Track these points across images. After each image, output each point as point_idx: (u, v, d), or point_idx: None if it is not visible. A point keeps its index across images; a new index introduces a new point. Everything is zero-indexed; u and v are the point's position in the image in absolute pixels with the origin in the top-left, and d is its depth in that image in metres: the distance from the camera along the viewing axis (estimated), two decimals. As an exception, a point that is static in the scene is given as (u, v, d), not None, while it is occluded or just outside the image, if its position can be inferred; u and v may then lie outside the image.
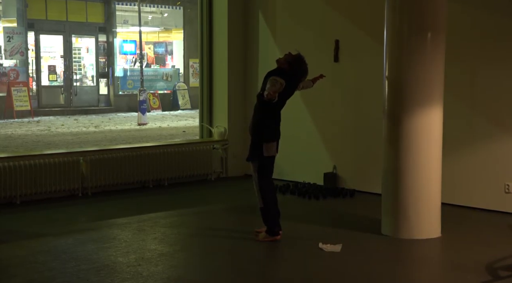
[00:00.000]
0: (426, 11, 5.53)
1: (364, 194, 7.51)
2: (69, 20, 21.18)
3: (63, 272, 4.68)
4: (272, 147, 5.45)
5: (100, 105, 21.88)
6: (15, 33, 19.88)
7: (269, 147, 5.43)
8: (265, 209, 5.49)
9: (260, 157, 5.44)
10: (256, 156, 5.46)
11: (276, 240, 5.49)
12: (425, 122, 5.56)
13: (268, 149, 5.42)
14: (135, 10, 21.56)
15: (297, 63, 5.52)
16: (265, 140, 5.41)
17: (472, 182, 6.73)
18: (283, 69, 5.50)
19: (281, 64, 5.54)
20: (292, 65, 5.49)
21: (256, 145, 5.47)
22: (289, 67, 5.49)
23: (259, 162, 5.46)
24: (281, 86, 5.31)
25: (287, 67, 5.49)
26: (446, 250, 5.51)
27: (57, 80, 21.31)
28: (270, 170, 5.54)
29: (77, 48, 22.19)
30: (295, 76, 5.53)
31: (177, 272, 4.77)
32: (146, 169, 7.99)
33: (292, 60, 5.51)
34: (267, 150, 5.42)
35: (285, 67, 5.50)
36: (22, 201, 7.07)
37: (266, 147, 5.41)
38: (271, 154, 5.46)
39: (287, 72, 5.47)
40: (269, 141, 5.43)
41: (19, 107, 18.86)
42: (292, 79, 5.50)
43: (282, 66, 5.52)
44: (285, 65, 5.51)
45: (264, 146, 5.41)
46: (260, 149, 5.42)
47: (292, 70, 5.50)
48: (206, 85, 8.92)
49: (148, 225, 6.13)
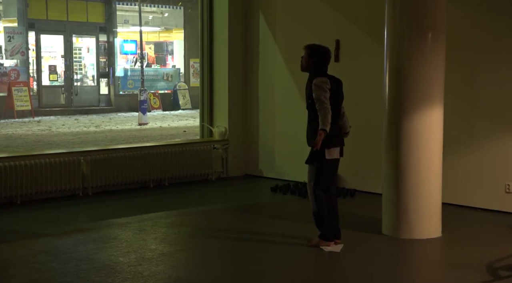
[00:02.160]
0: (427, 11, 5.52)
1: (364, 193, 7.51)
2: (70, 20, 21.18)
3: (64, 272, 4.68)
4: (334, 151, 5.23)
5: (100, 105, 21.88)
6: (15, 33, 19.89)
7: (331, 152, 5.21)
8: (318, 214, 5.30)
9: (321, 160, 5.20)
10: (316, 159, 5.22)
11: (329, 246, 5.28)
12: (426, 122, 5.56)
13: (331, 153, 5.21)
14: (135, 10, 21.58)
15: (320, 53, 5.26)
16: (326, 146, 5.16)
17: (473, 182, 6.73)
18: (312, 68, 5.25)
19: (305, 65, 5.31)
20: (315, 56, 5.23)
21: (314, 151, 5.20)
22: (314, 59, 5.23)
23: (317, 165, 5.25)
24: (326, 84, 5.11)
25: (312, 62, 5.23)
26: (446, 250, 5.51)
27: (57, 80, 21.32)
28: (328, 174, 5.31)
29: (78, 48, 22.20)
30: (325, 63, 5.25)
31: (177, 272, 4.76)
32: (147, 169, 7.98)
33: (312, 52, 5.26)
34: (329, 153, 5.20)
35: (310, 62, 5.24)
36: (22, 200, 7.07)
37: (327, 151, 5.19)
38: (333, 157, 5.23)
39: (318, 67, 5.23)
40: (330, 147, 5.19)
41: (19, 107, 18.87)
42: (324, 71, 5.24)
43: (308, 65, 5.27)
44: (309, 61, 5.25)
45: (325, 151, 5.19)
46: (321, 152, 5.18)
47: (319, 61, 5.23)
48: (206, 85, 8.92)
49: (149, 224, 6.12)
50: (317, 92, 5.14)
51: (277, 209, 6.96)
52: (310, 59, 5.28)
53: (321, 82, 5.16)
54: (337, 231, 5.41)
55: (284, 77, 8.45)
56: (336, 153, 5.27)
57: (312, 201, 5.29)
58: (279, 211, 6.84)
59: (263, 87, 8.73)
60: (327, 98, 5.11)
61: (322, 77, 5.20)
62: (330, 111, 5.08)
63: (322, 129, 5.07)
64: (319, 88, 5.13)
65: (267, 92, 8.68)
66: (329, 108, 5.09)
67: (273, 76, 8.61)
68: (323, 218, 5.29)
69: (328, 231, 5.32)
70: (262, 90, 8.75)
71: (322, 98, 5.10)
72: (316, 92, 5.14)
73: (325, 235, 5.32)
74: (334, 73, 5.58)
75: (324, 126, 5.07)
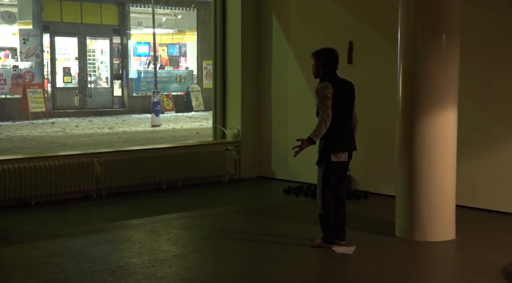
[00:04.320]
0: (441, 13, 5.49)
1: (377, 195, 7.47)
2: (84, 22, 21.31)
3: (77, 273, 4.70)
4: (340, 155, 5.22)
5: (114, 106, 21.98)
6: (30, 35, 20.06)
7: (338, 155, 5.21)
8: (323, 216, 5.29)
9: (327, 161, 5.21)
10: (323, 161, 5.24)
11: (330, 248, 5.27)
12: (440, 124, 5.52)
13: (338, 156, 5.21)
14: (149, 12, 21.67)
15: (325, 54, 5.26)
16: (331, 151, 5.17)
17: (488, 185, 6.67)
18: (322, 72, 5.25)
19: (316, 71, 5.30)
20: (322, 59, 5.23)
21: (322, 150, 5.24)
22: (323, 64, 5.24)
23: (324, 167, 5.25)
24: (327, 89, 5.09)
25: (321, 65, 5.26)
26: (460, 252, 5.46)
27: (71, 82, 21.46)
28: (335, 177, 5.28)
29: (92, 50, 22.33)
30: (334, 66, 5.24)
31: (190, 274, 4.77)
32: (160, 170, 8.00)
33: (318, 56, 5.26)
34: (336, 156, 5.21)
35: (319, 67, 5.24)
36: (37, 202, 7.11)
37: (334, 155, 5.20)
38: (340, 160, 5.22)
39: (327, 70, 5.23)
40: (334, 152, 5.18)
41: (34, 109, 19.01)
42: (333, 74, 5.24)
43: (319, 70, 5.27)
44: (318, 65, 5.25)
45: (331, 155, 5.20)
46: (327, 154, 5.20)
47: (327, 62, 5.23)
48: (219, 87, 8.93)
49: (162, 226, 6.13)
50: (317, 98, 5.16)
51: (289, 211, 6.95)
52: (319, 63, 5.28)
53: (322, 88, 5.15)
54: (342, 232, 5.40)
55: (297, 79, 8.44)
56: (344, 156, 5.26)
57: (319, 203, 5.29)
58: (291, 213, 6.82)
59: (276, 88, 8.72)
60: (327, 106, 5.10)
61: (324, 82, 5.19)
62: (328, 120, 5.08)
63: (309, 138, 5.08)
64: (319, 95, 5.14)
65: (280, 94, 8.67)
66: (328, 116, 5.08)
67: (286, 78, 8.60)
68: (328, 221, 5.29)
69: (331, 234, 5.31)
70: (275, 92, 8.74)
71: (322, 105, 5.11)
72: (317, 99, 5.17)
73: (327, 238, 5.32)
74: (347, 75, 5.56)
75: (313, 136, 5.09)
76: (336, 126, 5.17)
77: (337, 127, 5.18)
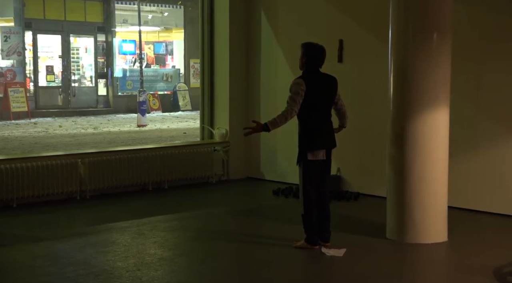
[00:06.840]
0: (431, 11, 5.45)
1: (368, 197, 7.43)
2: (67, 20, 21.09)
3: (62, 277, 4.64)
4: (317, 153, 5.19)
5: (98, 106, 21.80)
6: (12, 33, 19.80)
7: (314, 153, 5.19)
8: (305, 217, 5.25)
9: (304, 160, 5.20)
10: (300, 160, 5.23)
11: (313, 249, 5.24)
12: (431, 124, 5.48)
13: (314, 154, 5.19)
14: (134, 9, 21.46)
15: (311, 52, 5.23)
16: (307, 149, 5.18)
17: (480, 186, 6.64)
18: (304, 68, 5.26)
19: (301, 64, 5.29)
20: (307, 55, 5.22)
21: (299, 149, 5.26)
22: (306, 60, 5.23)
23: (303, 166, 5.23)
24: (300, 86, 5.09)
25: (305, 61, 5.22)
26: (452, 254, 5.44)
27: (55, 80, 21.23)
28: (315, 176, 5.25)
29: (76, 48, 22.12)
30: (317, 64, 5.22)
31: (177, 277, 4.71)
32: (146, 172, 7.89)
33: (304, 51, 5.24)
34: (312, 154, 5.19)
35: (304, 62, 5.23)
36: (18, 204, 6.98)
37: (310, 153, 5.19)
38: (317, 158, 5.18)
39: (310, 66, 5.22)
40: (311, 150, 5.18)
41: (16, 109, 18.77)
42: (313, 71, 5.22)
43: (302, 65, 5.27)
44: (302, 60, 5.25)
45: (307, 153, 5.20)
46: (304, 152, 5.20)
47: (311, 62, 5.21)
48: (207, 86, 8.84)
49: (148, 228, 6.06)
50: (289, 93, 5.18)
51: (279, 212, 6.90)
52: (303, 58, 5.28)
53: (295, 84, 5.19)
54: (327, 233, 5.35)
55: (286, 78, 8.28)
56: (321, 154, 5.22)
57: (301, 203, 5.28)
58: (281, 214, 6.77)
59: (265, 88, 8.65)
60: (295, 102, 5.13)
61: (299, 79, 5.21)
62: (290, 114, 5.14)
63: (265, 124, 5.15)
64: (291, 90, 5.19)
65: (269, 93, 8.59)
66: (292, 111, 5.14)
67: (275, 77, 8.52)
68: (310, 221, 5.26)
69: (313, 234, 5.26)
70: (263, 92, 8.67)
71: (290, 100, 5.15)
72: (289, 94, 5.18)
73: (310, 239, 5.27)
74: (337, 73, 5.53)
75: (270, 124, 5.16)
76: (311, 124, 5.20)
77: (313, 125, 5.21)
